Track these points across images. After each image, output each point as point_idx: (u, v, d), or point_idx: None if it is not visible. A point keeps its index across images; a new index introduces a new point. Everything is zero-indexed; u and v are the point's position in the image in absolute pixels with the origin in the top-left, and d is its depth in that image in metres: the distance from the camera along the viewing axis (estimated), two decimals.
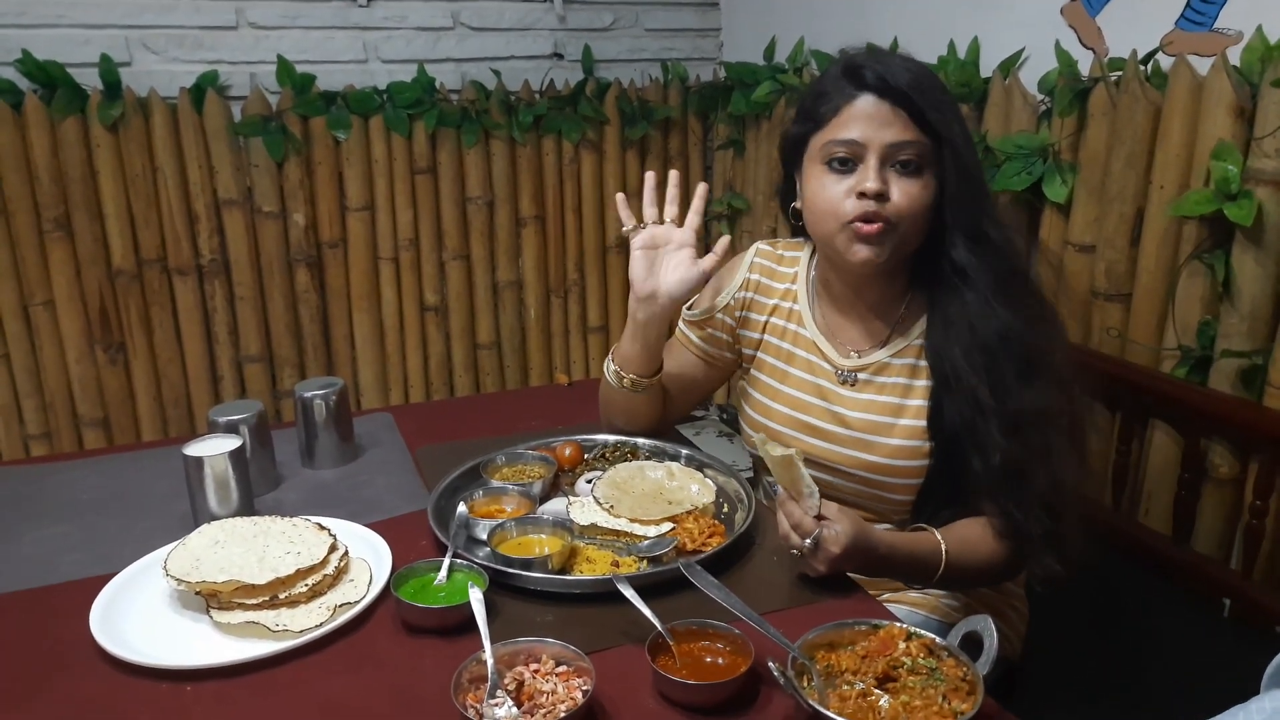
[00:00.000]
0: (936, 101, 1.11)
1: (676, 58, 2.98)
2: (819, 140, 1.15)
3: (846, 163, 1.13)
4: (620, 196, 1.32)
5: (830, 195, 1.14)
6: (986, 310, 1.12)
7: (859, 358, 1.24)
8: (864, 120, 1.11)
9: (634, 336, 1.30)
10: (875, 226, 1.11)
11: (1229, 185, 1.49)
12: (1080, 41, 1.84)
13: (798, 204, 1.22)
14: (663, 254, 1.27)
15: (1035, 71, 1.91)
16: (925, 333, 1.20)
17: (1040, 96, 1.90)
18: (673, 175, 1.29)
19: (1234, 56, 1.53)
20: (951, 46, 2.10)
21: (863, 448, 1.21)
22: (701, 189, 1.30)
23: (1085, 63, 1.80)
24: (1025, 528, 1.10)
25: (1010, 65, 1.96)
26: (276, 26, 2.50)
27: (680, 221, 1.29)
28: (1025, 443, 1.09)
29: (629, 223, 1.30)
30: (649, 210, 1.29)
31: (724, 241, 1.27)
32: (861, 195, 1.11)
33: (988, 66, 2.03)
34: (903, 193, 1.11)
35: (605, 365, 1.36)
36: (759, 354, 1.33)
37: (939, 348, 1.16)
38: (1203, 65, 1.57)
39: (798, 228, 1.26)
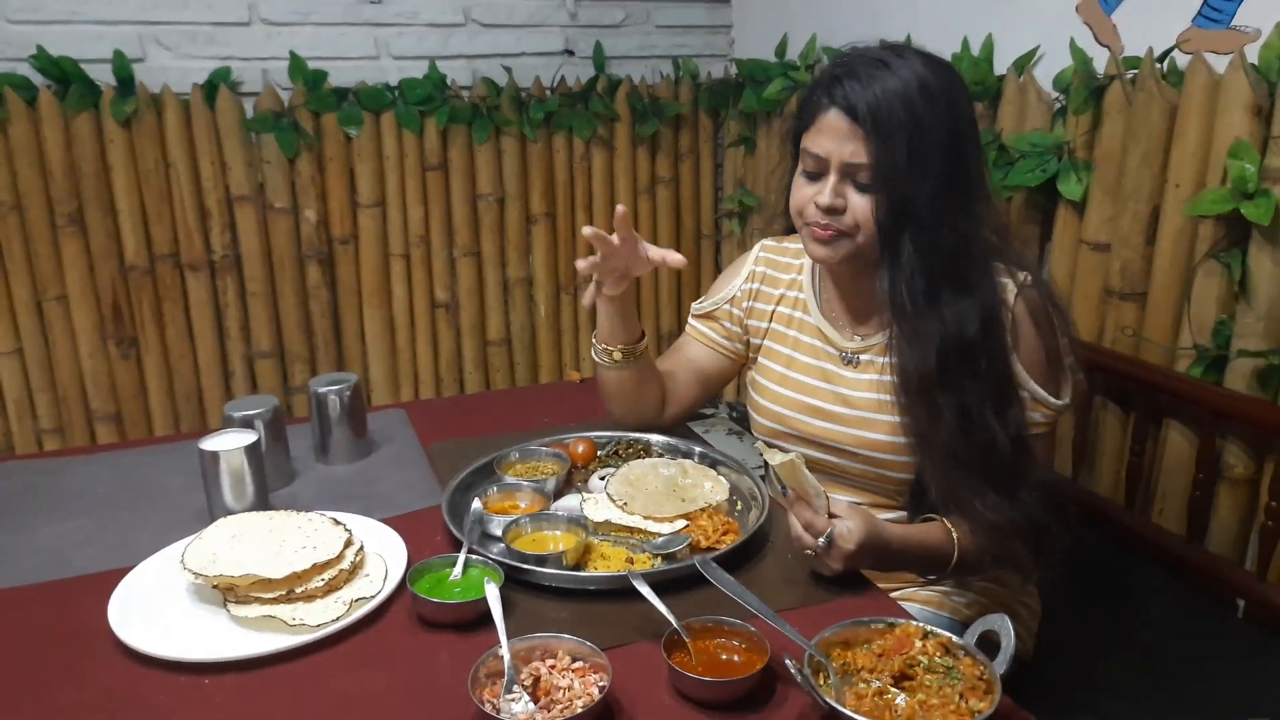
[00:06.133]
0: (887, 128, 1.09)
1: (688, 54, 2.98)
2: (803, 143, 1.18)
3: (815, 171, 1.16)
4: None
5: (799, 197, 1.19)
6: (899, 334, 1.16)
7: (861, 340, 1.27)
8: (830, 134, 1.13)
9: (609, 314, 1.34)
10: (828, 233, 1.16)
11: (1246, 184, 1.48)
12: (1096, 39, 1.83)
13: None
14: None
15: (1050, 69, 1.90)
16: None
17: (1055, 94, 1.89)
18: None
19: (1252, 54, 1.52)
20: (965, 44, 2.09)
21: (866, 426, 1.23)
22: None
23: (1101, 60, 1.79)
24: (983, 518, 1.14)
25: (1025, 63, 1.95)
26: (289, 23, 2.51)
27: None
28: (927, 456, 1.16)
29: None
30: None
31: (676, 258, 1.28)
32: (818, 206, 1.15)
33: (1002, 64, 2.02)
34: (859, 207, 1.13)
35: (592, 352, 1.38)
36: (766, 342, 1.37)
37: None
38: (1220, 63, 1.56)
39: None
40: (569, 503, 1.23)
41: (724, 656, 0.93)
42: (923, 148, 1.09)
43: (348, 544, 1.08)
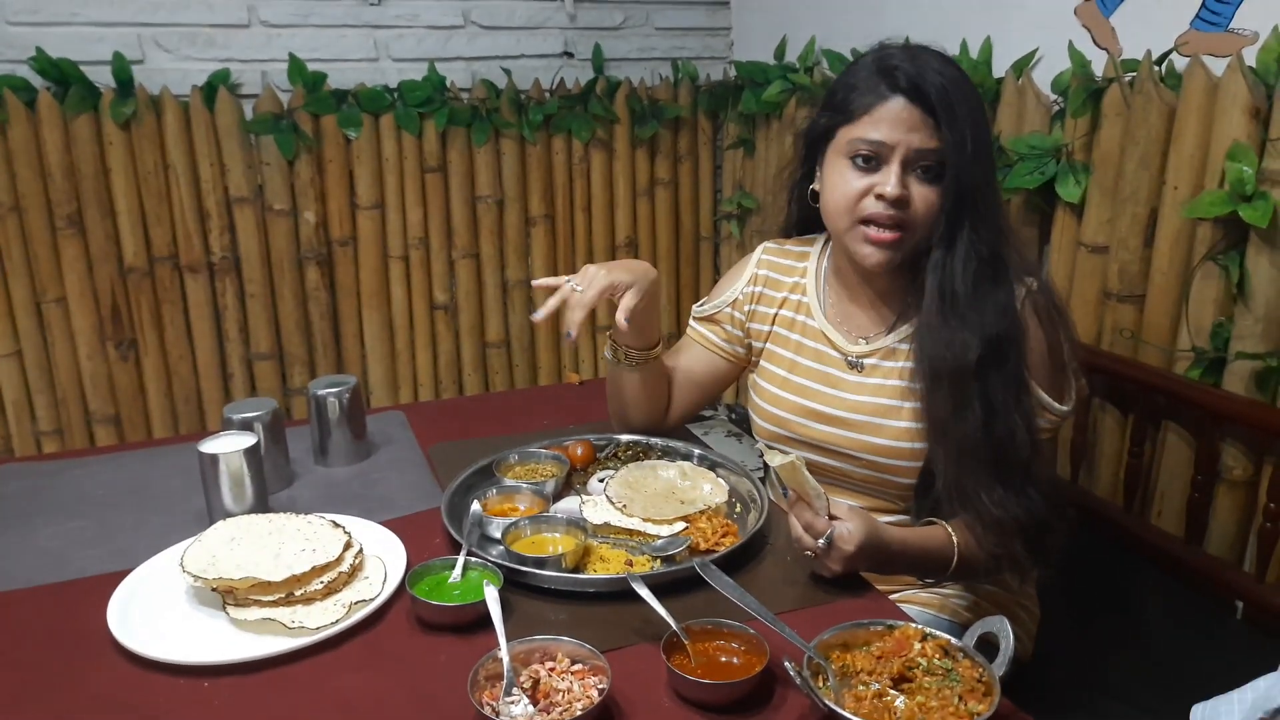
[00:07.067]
0: (959, 114, 1.10)
1: (687, 56, 2.98)
2: (846, 134, 1.16)
3: (870, 160, 1.14)
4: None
5: (849, 191, 1.15)
6: (924, 325, 1.16)
7: (866, 344, 1.27)
8: (892, 122, 1.12)
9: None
10: (891, 235, 1.13)
11: (1244, 186, 1.48)
12: (1094, 42, 1.83)
13: (816, 186, 1.24)
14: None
15: (1048, 72, 1.90)
16: None
17: (1053, 97, 1.89)
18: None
19: (1250, 57, 1.52)
20: (964, 46, 2.10)
21: (870, 431, 1.23)
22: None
23: (1099, 63, 1.80)
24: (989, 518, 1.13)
25: (1023, 65, 1.96)
26: (288, 25, 2.50)
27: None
28: (944, 446, 1.14)
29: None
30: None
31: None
32: (880, 197, 1.12)
33: (1001, 66, 2.02)
34: (922, 198, 1.13)
35: (606, 349, 1.38)
36: (768, 345, 1.36)
37: None
38: (1218, 66, 1.56)
39: (804, 218, 1.30)
40: (568, 505, 1.23)
41: (723, 659, 0.93)
42: (979, 136, 1.11)
43: (347, 546, 1.08)
